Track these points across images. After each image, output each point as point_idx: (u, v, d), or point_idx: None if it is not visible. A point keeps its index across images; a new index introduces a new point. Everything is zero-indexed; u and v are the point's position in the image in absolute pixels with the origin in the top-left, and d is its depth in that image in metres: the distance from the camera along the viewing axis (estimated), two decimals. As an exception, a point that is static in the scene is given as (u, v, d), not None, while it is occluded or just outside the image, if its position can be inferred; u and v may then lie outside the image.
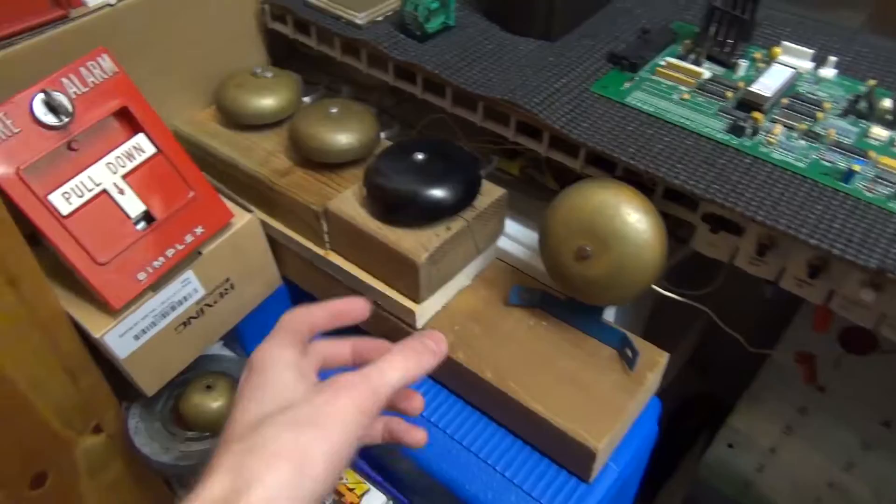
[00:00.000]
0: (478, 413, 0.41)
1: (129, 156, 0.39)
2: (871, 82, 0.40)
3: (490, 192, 0.42)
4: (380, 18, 0.47)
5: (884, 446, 0.54)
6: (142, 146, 0.39)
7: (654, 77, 0.42)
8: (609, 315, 0.43)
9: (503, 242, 0.45)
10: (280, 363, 0.28)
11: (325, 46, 0.48)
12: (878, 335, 0.48)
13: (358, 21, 0.46)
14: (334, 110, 0.43)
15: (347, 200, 0.41)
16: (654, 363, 0.39)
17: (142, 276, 0.38)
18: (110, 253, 0.38)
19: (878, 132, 0.38)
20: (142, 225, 0.39)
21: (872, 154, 0.36)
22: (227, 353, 0.51)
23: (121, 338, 0.39)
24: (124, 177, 0.39)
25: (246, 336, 0.50)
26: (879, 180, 0.35)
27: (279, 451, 0.24)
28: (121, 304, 0.38)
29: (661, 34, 0.45)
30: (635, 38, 0.45)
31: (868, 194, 0.34)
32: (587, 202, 0.36)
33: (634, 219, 0.35)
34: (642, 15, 0.48)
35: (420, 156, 0.40)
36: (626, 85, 0.41)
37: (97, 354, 0.42)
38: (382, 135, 0.47)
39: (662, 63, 0.43)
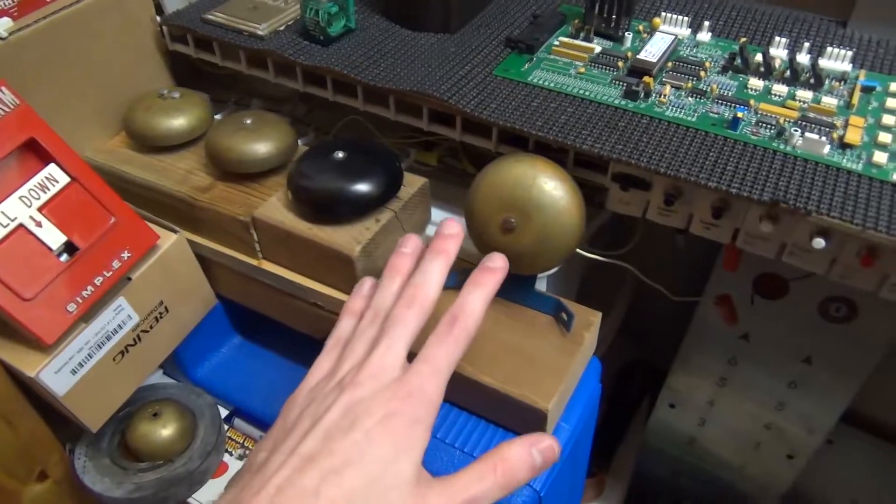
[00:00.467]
0: (430, 396, 0.42)
1: (43, 187, 0.38)
2: (743, 40, 0.44)
3: (413, 182, 0.43)
4: (281, 28, 0.47)
5: (808, 382, 0.59)
6: (55, 176, 0.38)
7: (550, 56, 0.45)
8: (542, 286, 0.45)
9: (431, 231, 0.46)
10: None
11: (229, 62, 0.49)
12: (788, 281, 0.52)
13: (260, 32, 0.46)
14: (248, 121, 0.44)
15: (274, 206, 0.42)
16: (589, 323, 0.42)
17: (72, 307, 0.38)
18: (35, 287, 0.37)
19: (755, 83, 0.41)
20: (65, 256, 0.38)
21: (752, 102, 0.40)
22: (167, 380, 0.50)
23: (57, 374, 0.38)
24: (40, 209, 0.38)
25: (185, 361, 0.49)
26: (761, 124, 0.39)
27: None
28: (53, 338, 0.37)
29: (551, 17, 0.48)
30: (528, 24, 0.48)
31: (754, 137, 0.38)
32: (505, 177, 0.38)
33: (551, 186, 0.37)
34: (531, 2, 0.51)
35: (340, 154, 0.41)
36: (526, 66, 0.44)
37: (31, 396, 0.40)
38: (300, 141, 0.48)
39: (556, 43, 0.46)
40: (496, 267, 0.34)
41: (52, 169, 0.39)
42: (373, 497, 0.27)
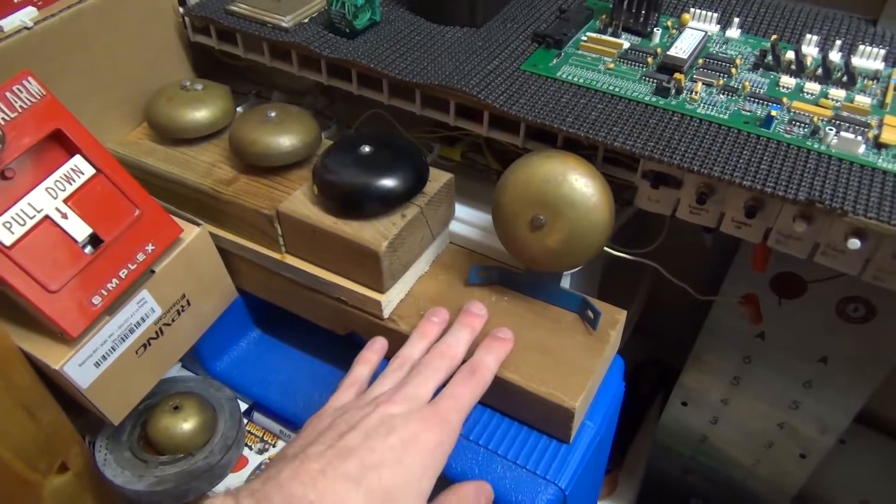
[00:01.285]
0: (454, 392, 0.42)
1: (69, 179, 0.38)
2: (774, 37, 0.43)
3: (438, 178, 0.43)
4: (306, 20, 0.47)
5: (823, 382, 0.58)
6: (80, 168, 0.38)
7: (578, 52, 0.44)
8: (565, 283, 0.45)
9: (454, 226, 0.46)
10: None
11: (252, 53, 0.48)
12: (806, 281, 0.52)
13: (285, 24, 0.46)
14: (272, 114, 0.43)
15: (299, 200, 0.41)
16: (615, 321, 0.41)
17: (97, 300, 0.37)
18: (61, 280, 0.36)
19: (787, 81, 0.41)
20: (89, 248, 0.38)
21: (785, 100, 0.39)
22: (186, 373, 0.50)
23: (81, 367, 0.38)
24: (66, 201, 0.37)
25: (204, 354, 0.49)
26: (795, 122, 0.38)
27: None
28: (79, 331, 0.37)
29: (578, 12, 0.47)
30: (555, 18, 0.47)
31: (787, 136, 0.37)
32: (535, 174, 0.37)
33: (582, 183, 0.37)
34: (557, -4, 0.50)
35: (367, 149, 0.41)
36: (555, 61, 0.43)
37: (52, 387, 0.40)
38: (322, 135, 0.47)
39: (584, 38, 0.45)
40: (506, 339, 0.38)
41: (78, 160, 0.38)
42: (400, 500, 0.28)
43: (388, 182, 0.40)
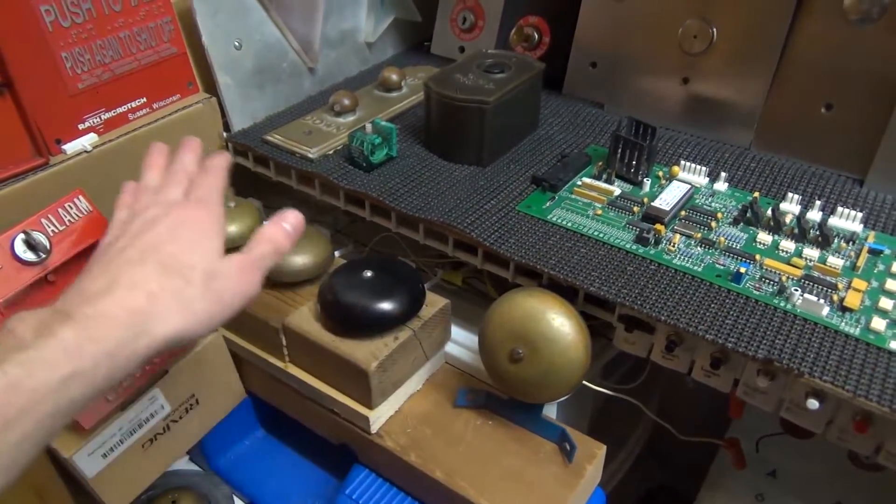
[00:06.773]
0: (431, 511, 0.44)
1: (102, 285, 0.42)
2: (756, 195, 0.46)
3: (434, 303, 0.46)
4: (330, 152, 0.52)
5: (840, 526, 0.57)
6: (114, 276, 0.43)
7: (572, 196, 0.48)
8: (552, 412, 0.47)
9: (451, 347, 0.49)
10: None
11: (282, 177, 0.54)
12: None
13: (311, 155, 0.51)
14: (291, 235, 0.48)
15: (304, 316, 0.45)
16: (593, 455, 0.43)
17: (111, 395, 0.41)
18: (82, 376, 0.40)
19: (764, 237, 0.43)
20: (112, 348, 0.42)
21: (758, 257, 0.42)
22: (192, 467, 0.53)
23: (89, 457, 0.41)
24: (96, 305, 0.42)
25: (210, 449, 0.52)
26: (765, 280, 0.40)
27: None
28: (91, 423, 0.40)
29: (577, 158, 0.51)
30: (556, 162, 0.51)
31: (756, 292, 0.39)
32: (517, 310, 0.40)
33: (559, 322, 0.39)
34: (562, 140, 0.54)
35: (368, 273, 0.45)
36: (548, 204, 0.47)
37: (64, 474, 0.43)
38: (337, 253, 0.52)
39: (579, 183, 0.49)
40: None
41: (113, 269, 0.43)
42: (187, 258, 0.32)
43: (384, 306, 0.43)
